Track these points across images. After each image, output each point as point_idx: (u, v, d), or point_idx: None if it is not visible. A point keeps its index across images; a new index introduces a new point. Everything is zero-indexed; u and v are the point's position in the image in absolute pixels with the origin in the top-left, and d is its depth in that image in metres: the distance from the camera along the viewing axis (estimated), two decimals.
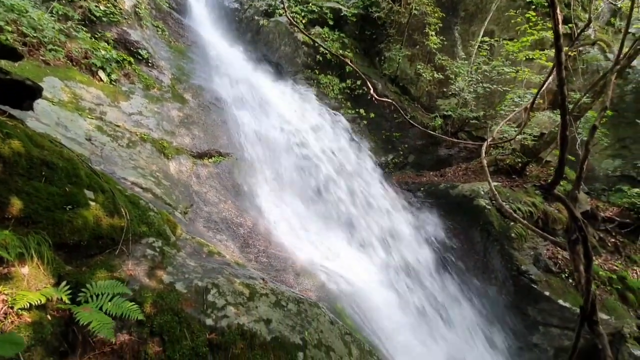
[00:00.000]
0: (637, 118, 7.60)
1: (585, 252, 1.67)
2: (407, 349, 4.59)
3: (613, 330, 5.47)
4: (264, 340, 2.39)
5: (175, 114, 5.65)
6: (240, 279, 2.79)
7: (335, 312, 3.91)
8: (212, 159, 5.41)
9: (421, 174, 8.19)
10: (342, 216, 5.94)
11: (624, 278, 6.04)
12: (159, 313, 2.18)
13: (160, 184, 4.31)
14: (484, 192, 6.46)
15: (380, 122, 8.46)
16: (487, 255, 6.08)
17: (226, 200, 5.13)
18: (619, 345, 5.43)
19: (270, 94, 7.12)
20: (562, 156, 1.36)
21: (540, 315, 5.47)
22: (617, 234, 6.87)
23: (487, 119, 8.13)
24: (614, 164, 7.89)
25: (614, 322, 5.47)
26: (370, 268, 5.40)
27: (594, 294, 1.79)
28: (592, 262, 1.67)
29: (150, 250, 2.54)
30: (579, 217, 1.60)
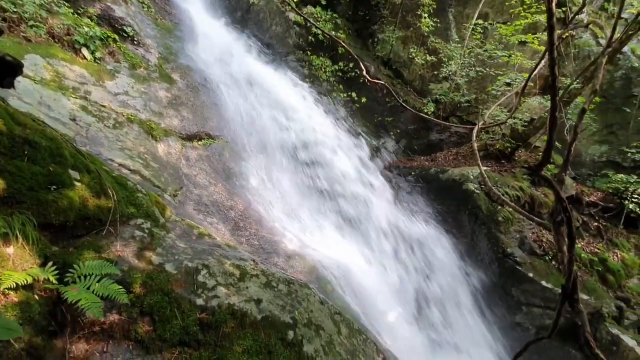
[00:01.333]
0: (625, 104, 7.71)
1: (568, 232, 1.71)
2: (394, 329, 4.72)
3: (592, 310, 5.69)
4: (254, 319, 2.42)
5: (163, 94, 5.51)
6: (230, 260, 2.79)
7: (326, 293, 3.97)
8: (201, 141, 5.33)
9: (412, 158, 8.23)
10: (334, 200, 5.96)
11: (605, 260, 6.25)
12: (148, 293, 2.18)
13: (148, 166, 4.24)
14: (474, 177, 6.54)
15: (372, 107, 8.41)
16: (475, 238, 6.21)
17: (216, 183, 5.08)
18: (598, 324, 5.67)
19: (261, 75, 6.98)
20: (551, 138, 1.37)
21: (523, 295, 5.66)
22: (600, 218, 7.07)
23: (479, 103, 8.14)
24: (600, 150, 8.03)
25: (593, 302, 5.69)
26: (362, 252, 5.47)
27: (576, 273, 1.85)
28: (575, 242, 1.71)
29: (138, 231, 2.52)
30: (564, 198, 1.63)
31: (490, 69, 7.68)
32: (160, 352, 2.08)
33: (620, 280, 6.19)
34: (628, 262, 6.49)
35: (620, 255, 6.52)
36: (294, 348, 2.46)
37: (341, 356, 2.75)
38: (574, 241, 1.68)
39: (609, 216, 7.12)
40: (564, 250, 1.87)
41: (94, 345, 2.01)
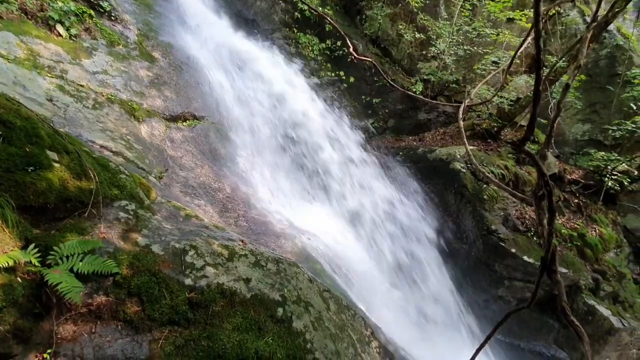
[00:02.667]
0: (609, 83, 7.81)
1: (549, 206, 1.75)
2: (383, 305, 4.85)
3: (570, 282, 5.96)
4: (243, 297, 2.45)
5: (144, 73, 5.32)
6: (218, 241, 2.79)
7: (315, 272, 4.03)
8: (186, 122, 5.21)
9: (400, 138, 8.25)
10: (322, 180, 5.97)
11: (584, 235, 6.50)
12: (135, 274, 2.16)
13: (131, 147, 4.14)
14: (460, 156, 6.62)
15: (360, 86, 8.32)
16: (460, 216, 6.35)
17: (203, 165, 5.01)
18: (575, 295, 5.96)
19: (247, 53, 6.78)
20: (534, 111, 1.37)
21: (505, 270, 5.87)
22: (581, 195, 7.29)
23: (467, 82, 8.14)
24: (583, 129, 8.19)
25: (571, 275, 5.95)
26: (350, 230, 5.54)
27: (555, 246, 1.91)
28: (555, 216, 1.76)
29: (123, 213, 2.48)
30: (546, 173, 1.66)
31: (478, 48, 7.64)
32: (150, 331, 2.09)
33: (598, 254, 6.46)
34: (605, 236, 6.76)
35: (598, 230, 6.78)
36: (283, 324, 2.50)
37: (330, 331, 2.82)
38: (554, 215, 1.73)
39: (589, 193, 7.35)
40: (544, 223, 1.93)
41: (81, 327, 2.01)
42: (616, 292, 6.25)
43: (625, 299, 6.33)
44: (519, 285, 5.85)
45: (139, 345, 2.02)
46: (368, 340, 3.33)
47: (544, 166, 1.86)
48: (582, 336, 1.62)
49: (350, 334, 3.07)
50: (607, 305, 6.00)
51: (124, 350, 1.99)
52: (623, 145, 7.53)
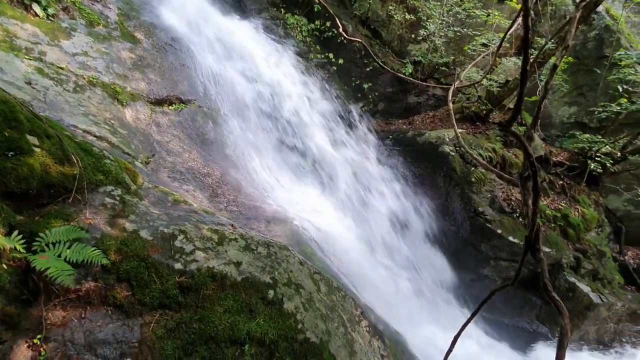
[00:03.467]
0: (596, 66, 7.89)
1: (534, 186, 1.79)
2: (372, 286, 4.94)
3: (553, 261, 6.17)
4: (234, 280, 2.46)
5: (126, 55, 5.14)
6: (208, 225, 2.78)
7: (306, 255, 4.07)
8: (172, 106, 5.09)
9: (390, 122, 8.24)
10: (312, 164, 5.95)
11: (567, 216, 6.68)
12: (124, 260, 2.15)
13: (116, 132, 4.04)
14: (449, 139, 6.66)
15: (350, 69, 8.21)
16: (449, 199, 6.45)
17: (191, 150, 4.94)
18: (557, 273, 6.17)
19: (234, 34, 6.59)
20: (521, 92, 1.38)
21: (491, 250, 6.03)
22: (565, 176, 7.46)
23: (457, 65, 8.11)
24: (569, 111, 8.30)
25: (554, 254, 6.15)
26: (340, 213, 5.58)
27: (538, 225, 1.96)
28: (539, 196, 1.80)
29: (109, 198, 2.44)
30: (532, 153, 1.68)
31: (468, 29, 7.58)
32: (141, 315, 2.10)
33: (580, 233, 6.67)
34: (588, 216, 6.98)
35: (581, 211, 6.98)
36: (274, 306, 2.54)
37: (321, 311, 2.87)
38: (538, 195, 1.76)
39: (573, 175, 7.52)
40: (529, 204, 1.97)
41: (71, 312, 2.00)
42: (596, 269, 6.50)
43: (604, 276, 6.60)
44: (504, 264, 6.03)
45: (130, 329, 2.03)
46: (358, 320, 3.41)
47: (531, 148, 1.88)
48: (562, 311, 1.69)
49: (340, 314, 3.13)
50: (587, 282, 6.25)
51: (115, 334, 2.00)
52: (607, 127, 7.68)
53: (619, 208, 7.81)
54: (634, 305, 6.71)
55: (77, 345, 1.91)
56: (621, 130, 7.64)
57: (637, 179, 7.83)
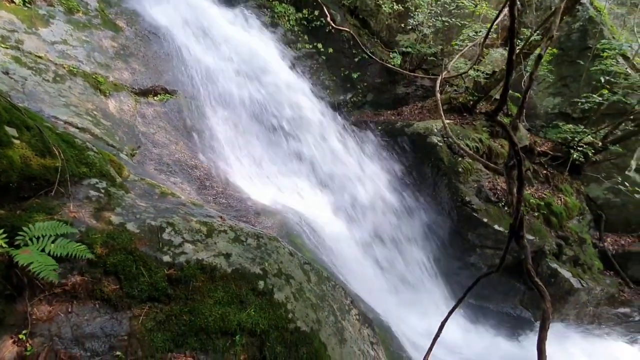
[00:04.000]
0: (579, 57, 8.01)
1: (518, 175, 1.83)
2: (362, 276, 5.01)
3: (537, 248, 6.35)
4: (224, 272, 2.46)
5: (108, 43, 4.99)
6: (197, 218, 2.76)
7: (296, 246, 4.08)
8: (157, 96, 4.98)
9: (379, 112, 8.24)
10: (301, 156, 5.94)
11: (550, 204, 6.86)
12: (111, 253, 2.12)
13: (99, 123, 3.94)
14: (437, 130, 6.72)
15: (339, 59, 8.15)
16: (437, 189, 6.54)
17: (177, 142, 4.86)
18: (540, 260, 6.36)
19: (219, 23, 6.45)
20: (507, 81, 1.40)
21: (477, 239, 6.16)
22: (549, 166, 7.63)
23: (445, 55, 8.13)
24: (553, 102, 8.45)
25: (538, 242, 6.33)
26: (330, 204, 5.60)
27: (522, 213, 2.01)
28: (524, 184, 1.84)
29: (93, 191, 2.38)
30: (517, 142, 1.71)
31: (456, 19, 7.60)
32: (129, 309, 2.08)
33: (562, 221, 6.87)
34: (570, 205, 7.18)
35: (563, 199, 7.17)
36: (265, 296, 2.55)
37: (311, 301, 2.90)
38: (522, 183, 1.81)
39: (557, 164, 7.70)
40: (514, 192, 2.02)
41: (57, 307, 1.97)
42: (577, 255, 6.72)
43: (584, 262, 6.83)
44: (490, 252, 6.18)
45: (119, 323, 2.01)
46: (348, 309, 3.45)
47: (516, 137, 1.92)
48: (544, 294, 1.75)
49: (330, 304, 3.17)
50: (569, 268, 6.46)
51: (104, 328, 1.98)
52: (589, 118, 7.85)
53: (600, 196, 8.05)
54: (612, 289, 6.99)
55: (65, 340, 1.89)
56: (603, 121, 7.83)
57: (617, 167, 8.07)
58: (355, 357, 2.89)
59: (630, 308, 6.99)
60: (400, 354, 3.98)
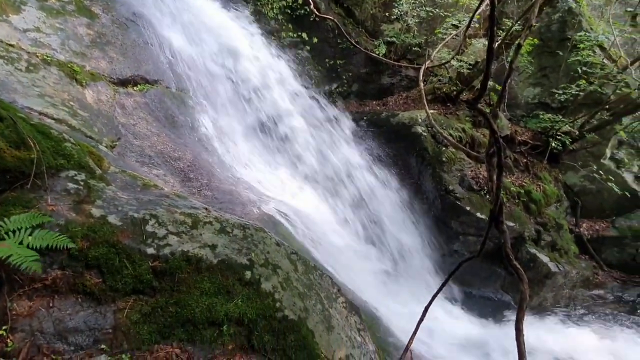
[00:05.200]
0: (559, 48, 8.20)
1: (498, 162, 1.87)
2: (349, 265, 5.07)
3: (517, 234, 6.55)
4: (210, 263, 2.45)
5: (83, 31, 4.79)
6: (181, 209, 2.72)
7: (283, 236, 4.09)
8: (137, 86, 4.84)
9: (365, 103, 8.27)
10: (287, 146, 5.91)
11: (530, 192, 7.07)
12: (92, 246, 2.08)
13: (76, 114, 3.81)
14: (422, 120, 6.79)
15: (323, 49, 8.09)
16: (421, 178, 6.64)
17: (160, 133, 4.75)
18: (520, 246, 6.58)
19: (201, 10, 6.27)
20: (488, 69, 1.42)
21: (460, 227, 6.31)
22: (529, 155, 7.84)
23: (429, 45, 8.18)
24: (534, 92, 8.64)
25: (518, 228, 6.53)
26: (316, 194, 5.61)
27: (502, 199, 2.07)
28: (503, 171, 1.89)
29: (72, 183, 2.32)
30: (497, 130, 1.75)
31: (440, 9, 7.63)
32: (113, 302, 2.06)
33: (541, 208, 7.10)
34: (548, 192, 7.42)
35: (542, 187, 7.41)
36: (252, 286, 2.56)
37: (298, 290, 2.92)
38: (502, 170, 1.86)
39: (536, 153, 7.93)
40: (494, 179, 2.07)
41: (38, 302, 1.93)
42: (554, 241, 6.99)
43: (561, 247, 7.11)
44: (472, 239, 6.35)
45: (103, 316, 1.99)
46: (335, 297, 3.50)
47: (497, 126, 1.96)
48: (522, 277, 1.82)
49: (318, 292, 3.20)
50: (547, 253, 6.71)
51: (87, 322, 1.95)
52: (567, 107, 8.08)
53: (576, 184, 8.35)
54: (587, 272, 7.32)
55: (47, 335, 1.85)
56: (580, 110, 8.07)
57: (592, 156, 8.36)
58: (342, 343, 2.95)
59: (604, 290, 7.35)
60: (387, 339, 4.07)
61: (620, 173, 8.40)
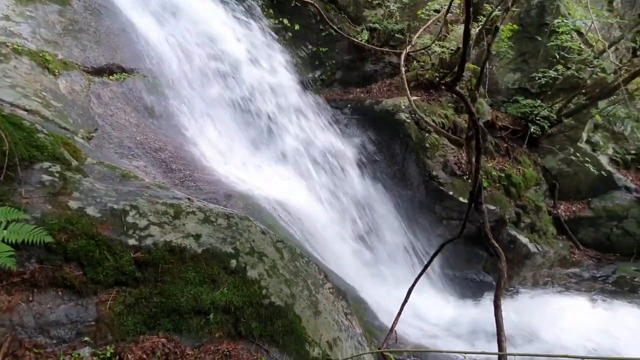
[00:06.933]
0: (538, 33, 8.32)
1: (476, 144, 1.91)
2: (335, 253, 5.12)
3: (497, 217, 6.74)
4: (194, 253, 2.44)
5: (55, 18, 4.58)
6: (162, 200, 2.68)
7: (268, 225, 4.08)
8: (113, 75, 4.68)
9: (348, 90, 8.24)
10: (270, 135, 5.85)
11: (510, 176, 7.26)
12: (71, 239, 2.03)
13: (49, 105, 3.66)
14: (405, 107, 6.83)
15: (306, 35, 7.97)
16: (405, 164, 6.72)
17: (139, 124, 4.63)
18: (501, 228, 6.77)
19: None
20: (465, 50, 1.43)
21: (444, 211, 6.45)
22: (509, 139, 8.02)
23: (411, 31, 8.17)
24: (514, 78, 8.79)
25: (498, 211, 6.72)
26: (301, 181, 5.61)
27: (481, 180, 2.13)
28: (481, 152, 1.94)
29: (47, 175, 2.24)
30: (474, 112, 1.78)
31: None
32: (95, 294, 2.03)
33: (521, 191, 7.31)
34: (527, 176, 7.63)
35: (522, 171, 7.61)
36: (238, 274, 2.56)
37: (285, 277, 2.95)
38: (480, 151, 1.90)
39: (516, 138, 8.11)
40: (473, 161, 2.12)
41: (17, 296, 1.89)
42: (533, 222, 7.23)
43: (540, 228, 7.36)
44: (455, 223, 6.49)
45: (85, 309, 1.96)
46: (322, 283, 3.54)
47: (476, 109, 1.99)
48: (500, 255, 1.88)
49: (304, 279, 3.23)
50: (526, 234, 6.95)
51: (69, 315, 1.92)
52: (546, 92, 8.26)
53: (554, 167, 8.61)
54: (564, 251, 7.63)
55: (28, 329, 1.82)
56: (558, 95, 8.27)
57: (569, 139, 8.62)
58: (329, 327, 3.00)
59: (580, 268, 7.69)
60: (373, 322, 4.17)
61: (596, 156, 8.71)
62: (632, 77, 7.11)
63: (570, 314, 5.12)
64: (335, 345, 2.86)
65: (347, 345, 3.02)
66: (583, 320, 4.90)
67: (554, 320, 4.87)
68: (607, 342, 4.40)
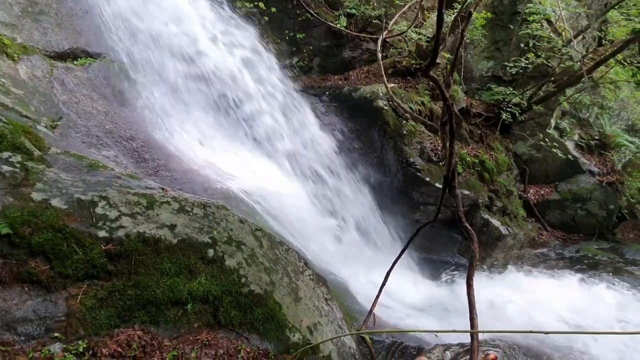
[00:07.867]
0: (510, 22, 8.50)
1: (450, 129, 1.95)
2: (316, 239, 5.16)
3: (472, 202, 6.96)
4: (169, 243, 2.38)
5: (12, 0, 4.25)
6: (134, 190, 2.59)
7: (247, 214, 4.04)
8: (78, 60, 4.42)
9: (326, 77, 8.16)
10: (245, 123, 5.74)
11: (483, 162, 7.49)
12: (35, 232, 1.93)
13: (9, 92, 3.43)
14: (383, 94, 6.85)
15: (283, 20, 7.79)
16: (383, 151, 6.78)
17: (107, 111, 4.42)
18: (475, 212, 7.01)
19: None
20: (438, 35, 1.44)
21: (421, 197, 6.59)
22: (483, 126, 8.24)
23: (388, 18, 8.14)
24: (487, 65, 8.98)
25: (473, 196, 6.93)
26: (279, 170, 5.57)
27: (455, 164, 2.17)
28: (454, 137, 1.98)
29: (6, 166, 2.11)
30: (448, 97, 1.81)
31: None
32: (64, 289, 1.95)
33: (493, 176, 7.57)
34: (500, 161, 7.90)
35: (495, 157, 7.86)
36: (215, 264, 2.53)
37: (264, 265, 2.94)
38: (453, 136, 1.93)
39: (489, 124, 8.34)
40: (447, 146, 2.16)
41: None
42: (505, 206, 7.52)
43: (511, 211, 7.68)
44: (432, 209, 6.65)
45: (54, 304, 1.89)
46: (302, 270, 3.56)
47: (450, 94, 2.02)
48: (472, 236, 1.95)
49: (284, 266, 3.24)
50: (498, 218, 7.23)
51: (37, 311, 1.85)
52: (518, 80, 8.51)
53: (525, 152, 8.95)
54: (532, 233, 8.01)
55: None
56: (528, 83, 8.54)
57: (539, 126, 8.96)
58: (310, 313, 3.03)
59: (547, 248, 8.11)
60: (353, 306, 4.25)
61: (563, 141, 9.12)
62: (596, 66, 7.42)
63: (540, 291, 5.40)
64: (316, 330, 2.90)
65: (327, 329, 3.07)
66: (550, 297, 5.19)
67: (525, 297, 5.13)
68: (575, 317, 4.69)
